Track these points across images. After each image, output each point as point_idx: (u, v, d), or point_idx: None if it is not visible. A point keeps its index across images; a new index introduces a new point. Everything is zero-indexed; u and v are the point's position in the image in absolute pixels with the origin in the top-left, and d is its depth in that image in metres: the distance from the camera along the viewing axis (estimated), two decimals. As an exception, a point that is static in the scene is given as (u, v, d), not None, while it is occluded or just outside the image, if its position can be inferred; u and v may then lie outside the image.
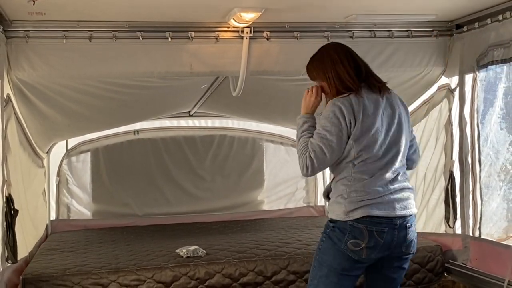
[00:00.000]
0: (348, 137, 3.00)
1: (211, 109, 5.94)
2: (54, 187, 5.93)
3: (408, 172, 4.91)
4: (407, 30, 4.39)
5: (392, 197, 3.04)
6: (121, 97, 4.58)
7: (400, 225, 3.05)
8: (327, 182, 6.56)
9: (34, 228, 4.82)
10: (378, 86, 3.19)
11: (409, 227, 3.10)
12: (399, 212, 3.04)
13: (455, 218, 4.40)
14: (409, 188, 3.15)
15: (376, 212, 3.00)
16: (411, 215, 3.12)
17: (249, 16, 3.85)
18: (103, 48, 4.01)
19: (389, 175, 3.05)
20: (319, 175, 6.54)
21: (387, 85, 3.30)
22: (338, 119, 2.99)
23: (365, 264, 3.11)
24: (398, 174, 3.09)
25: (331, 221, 3.12)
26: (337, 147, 2.99)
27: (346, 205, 3.02)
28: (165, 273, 3.94)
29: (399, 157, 3.10)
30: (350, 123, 2.99)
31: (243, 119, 6.37)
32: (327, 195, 3.23)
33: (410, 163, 3.28)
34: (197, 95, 5.43)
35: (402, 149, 3.11)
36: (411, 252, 3.18)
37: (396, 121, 3.11)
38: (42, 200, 5.39)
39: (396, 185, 3.07)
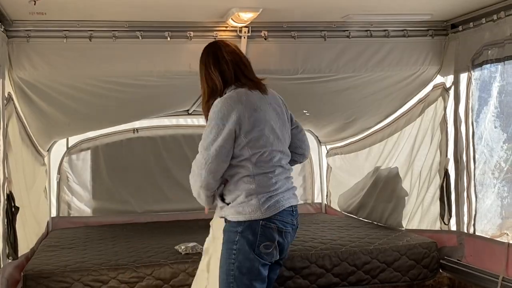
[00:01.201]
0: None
1: (210, 108, 5.96)
2: (55, 184, 5.95)
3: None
4: (403, 30, 4.42)
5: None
6: (120, 96, 4.60)
7: (295, 224, 3.18)
8: (324, 179, 6.62)
9: (35, 225, 4.84)
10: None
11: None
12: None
13: (450, 215, 4.43)
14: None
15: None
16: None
17: (247, 16, 3.88)
18: (103, 48, 4.05)
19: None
20: (317, 171, 6.59)
21: None
22: None
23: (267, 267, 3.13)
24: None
25: (237, 224, 3.08)
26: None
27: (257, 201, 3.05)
28: (164, 269, 3.97)
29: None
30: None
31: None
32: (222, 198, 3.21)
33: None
34: (195, 94, 5.41)
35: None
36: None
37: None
38: (44, 198, 5.42)
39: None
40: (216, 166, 3.06)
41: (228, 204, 3.14)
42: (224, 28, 4.18)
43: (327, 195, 6.49)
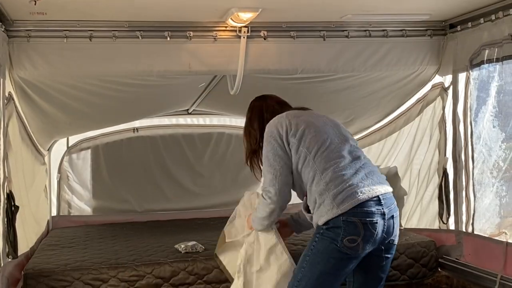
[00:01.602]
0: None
1: (209, 107, 5.98)
2: (55, 183, 5.97)
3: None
4: (401, 30, 4.43)
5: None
6: (120, 96, 4.62)
7: (387, 212, 3.15)
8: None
9: (35, 224, 4.86)
10: None
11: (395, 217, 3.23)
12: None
13: (449, 214, 4.44)
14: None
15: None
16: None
17: (247, 16, 3.89)
18: (103, 48, 4.05)
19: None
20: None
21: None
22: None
23: (357, 260, 3.15)
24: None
25: (323, 224, 3.14)
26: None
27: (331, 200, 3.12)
28: (164, 268, 3.97)
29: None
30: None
31: (241, 117, 6.40)
32: (307, 208, 3.32)
33: None
34: (195, 94, 5.46)
35: None
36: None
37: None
38: (44, 197, 5.43)
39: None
40: (285, 177, 3.29)
41: (311, 213, 3.25)
42: (223, 28, 4.18)
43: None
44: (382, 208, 3.13)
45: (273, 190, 3.28)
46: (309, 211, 3.30)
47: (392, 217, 3.20)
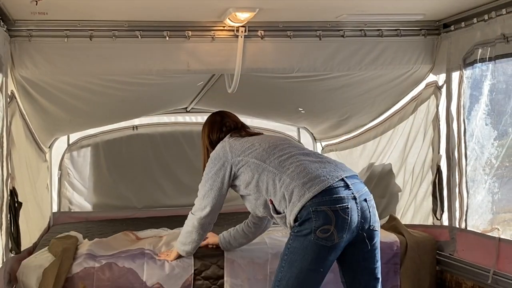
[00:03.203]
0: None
1: (207, 105, 6.00)
2: (56, 180, 6.01)
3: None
4: (396, 29, 4.45)
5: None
6: (120, 94, 4.65)
7: (358, 196, 3.18)
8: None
9: (38, 220, 4.90)
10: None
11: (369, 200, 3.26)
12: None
13: (442, 211, 4.46)
14: None
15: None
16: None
17: (244, 16, 3.92)
18: (103, 47, 4.07)
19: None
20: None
21: None
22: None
23: (338, 250, 3.13)
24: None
25: (295, 220, 3.18)
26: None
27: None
28: (162, 264, 4.01)
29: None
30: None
31: (238, 115, 6.40)
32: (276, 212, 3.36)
33: None
34: (193, 92, 5.49)
35: None
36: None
37: None
38: (46, 193, 5.47)
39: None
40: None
41: (282, 213, 3.31)
42: (221, 28, 4.21)
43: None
44: (352, 193, 3.14)
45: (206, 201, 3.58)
46: (277, 213, 3.33)
47: (365, 200, 3.20)
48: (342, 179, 3.19)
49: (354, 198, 3.15)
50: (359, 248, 3.24)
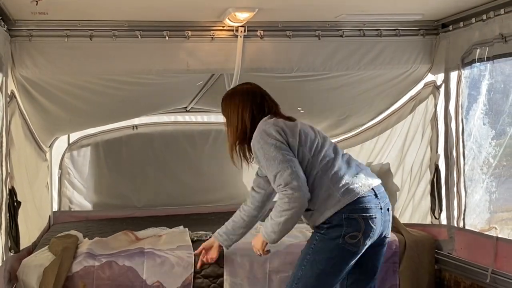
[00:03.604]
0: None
1: (207, 105, 6.01)
2: (56, 179, 6.01)
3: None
4: (395, 29, 4.46)
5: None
6: (120, 93, 4.66)
7: (383, 206, 3.25)
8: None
9: (38, 219, 4.91)
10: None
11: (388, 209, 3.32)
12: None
13: (441, 210, 4.48)
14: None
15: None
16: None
17: (243, 16, 3.93)
18: (103, 47, 4.08)
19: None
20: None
21: None
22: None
23: (357, 256, 3.21)
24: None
25: (324, 223, 3.19)
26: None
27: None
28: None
29: None
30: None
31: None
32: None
33: None
34: (193, 92, 5.49)
35: None
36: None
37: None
38: (46, 192, 5.47)
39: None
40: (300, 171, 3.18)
41: (311, 210, 3.26)
42: (221, 28, 4.22)
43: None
44: (379, 202, 3.24)
45: (296, 182, 3.10)
46: (307, 210, 3.28)
47: (388, 210, 3.31)
48: (372, 189, 3.27)
49: (381, 208, 3.25)
50: (371, 253, 3.33)
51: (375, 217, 3.20)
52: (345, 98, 5.11)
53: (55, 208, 5.99)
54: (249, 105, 3.44)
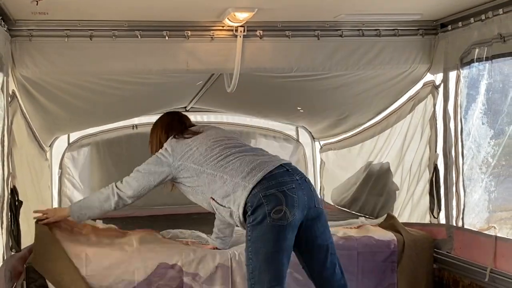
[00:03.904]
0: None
1: (207, 104, 6.03)
2: (56, 179, 6.02)
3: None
4: (394, 29, 4.46)
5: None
6: (120, 93, 4.67)
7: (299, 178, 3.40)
8: (318, 174, 6.70)
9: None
10: None
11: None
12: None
13: (439, 209, 4.48)
14: None
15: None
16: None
17: (243, 16, 3.94)
18: (103, 47, 4.09)
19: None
20: (310, 167, 6.67)
21: None
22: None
23: (294, 231, 3.31)
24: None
25: (246, 210, 3.34)
26: None
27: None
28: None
29: None
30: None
31: (237, 114, 6.45)
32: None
33: None
34: (193, 91, 5.50)
35: None
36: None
37: None
38: (48, 192, 5.48)
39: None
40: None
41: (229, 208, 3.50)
42: (220, 28, 4.23)
43: (320, 190, 6.56)
44: (293, 174, 3.39)
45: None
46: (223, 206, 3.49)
47: (305, 181, 3.44)
48: (281, 165, 3.44)
49: (296, 180, 3.38)
50: (311, 227, 3.43)
51: (293, 187, 3.33)
52: (345, 98, 5.13)
53: (56, 207, 5.99)
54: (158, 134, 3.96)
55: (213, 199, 3.54)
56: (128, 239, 4.12)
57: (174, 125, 3.90)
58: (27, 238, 4.14)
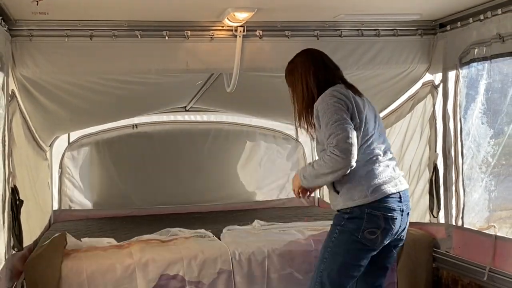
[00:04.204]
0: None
1: (206, 104, 6.05)
2: (57, 178, 6.04)
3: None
4: (393, 29, 4.47)
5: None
6: (120, 93, 4.67)
7: (404, 210, 3.35)
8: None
9: (39, 218, 4.93)
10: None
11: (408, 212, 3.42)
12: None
13: (439, 208, 4.49)
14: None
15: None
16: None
17: (242, 16, 3.95)
18: (103, 46, 4.10)
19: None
20: (309, 160, 6.67)
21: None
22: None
23: (375, 252, 3.32)
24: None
25: (345, 212, 3.31)
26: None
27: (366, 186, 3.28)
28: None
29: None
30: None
31: (237, 114, 6.47)
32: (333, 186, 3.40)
33: None
34: (192, 91, 5.51)
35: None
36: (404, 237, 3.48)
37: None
38: (47, 191, 5.50)
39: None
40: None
41: (338, 193, 3.36)
42: (220, 28, 4.24)
43: (320, 189, 6.57)
44: (402, 205, 3.35)
45: (347, 146, 3.13)
46: (335, 191, 3.40)
47: (408, 214, 3.42)
48: (399, 192, 3.36)
49: (402, 211, 3.35)
50: (386, 251, 3.45)
51: (396, 218, 3.31)
52: (344, 98, 5.11)
53: (56, 206, 6.02)
54: (312, 72, 3.51)
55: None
56: (127, 251, 4.08)
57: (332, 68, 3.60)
58: (28, 237, 4.17)
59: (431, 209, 4.57)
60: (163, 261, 3.96)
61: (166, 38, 4.17)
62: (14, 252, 3.79)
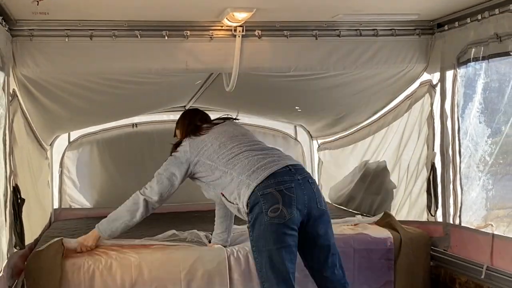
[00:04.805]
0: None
1: (206, 103, 6.02)
2: (57, 177, 6.06)
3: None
4: (391, 29, 4.48)
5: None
6: (120, 92, 4.69)
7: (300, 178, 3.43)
8: (316, 172, 6.72)
9: (40, 217, 4.95)
10: None
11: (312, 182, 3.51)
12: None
13: (437, 207, 4.50)
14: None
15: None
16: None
17: (242, 16, 3.96)
18: (103, 46, 4.11)
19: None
20: (308, 165, 6.70)
21: None
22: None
23: (294, 229, 3.35)
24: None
25: (246, 208, 3.43)
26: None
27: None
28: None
29: None
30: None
31: (236, 113, 6.46)
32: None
33: None
34: (192, 91, 5.53)
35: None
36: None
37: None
38: (48, 190, 5.52)
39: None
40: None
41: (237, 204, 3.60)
42: (219, 28, 4.25)
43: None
44: (294, 174, 3.43)
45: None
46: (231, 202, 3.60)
47: (308, 181, 3.48)
48: (286, 166, 3.48)
49: (297, 179, 3.43)
50: (312, 227, 3.48)
51: (292, 186, 3.37)
52: (342, 97, 5.15)
53: (56, 205, 6.03)
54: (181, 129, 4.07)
55: (223, 195, 3.65)
56: (127, 251, 4.10)
57: (196, 119, 4.03)
58: (28, 235, 4.18)
59: (428, 207, 4.58)
60: (162, 270, 4.01)
61: (166, 38, 4.18)
62: (15, 250, 3.80)
